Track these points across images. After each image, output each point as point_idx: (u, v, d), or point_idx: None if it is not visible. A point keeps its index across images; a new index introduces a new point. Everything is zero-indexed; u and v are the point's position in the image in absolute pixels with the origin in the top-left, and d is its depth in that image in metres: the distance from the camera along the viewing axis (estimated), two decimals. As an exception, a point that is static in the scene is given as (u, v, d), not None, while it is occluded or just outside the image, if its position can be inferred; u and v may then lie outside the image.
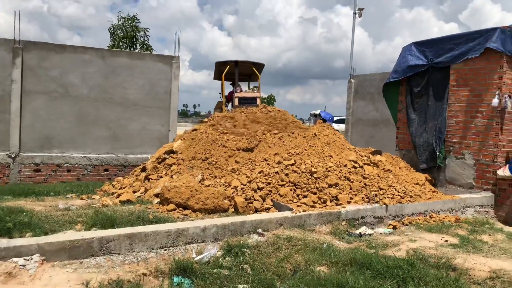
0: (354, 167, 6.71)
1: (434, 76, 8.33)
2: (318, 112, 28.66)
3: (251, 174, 6.37)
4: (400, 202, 6.15)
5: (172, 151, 7.72)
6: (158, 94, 10.97)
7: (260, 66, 13.80)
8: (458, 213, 6.72)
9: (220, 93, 14.12)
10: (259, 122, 8.04)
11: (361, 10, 21.14)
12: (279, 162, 6.56)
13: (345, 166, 6.66)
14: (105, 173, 10.33)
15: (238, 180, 6.26)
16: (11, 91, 9.50)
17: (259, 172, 6.41)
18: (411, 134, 8.77)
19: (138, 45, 18.04)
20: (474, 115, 7.56)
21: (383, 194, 6.21)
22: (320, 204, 5.78)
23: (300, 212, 5.33)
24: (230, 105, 13.97)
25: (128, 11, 41.25)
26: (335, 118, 26.84)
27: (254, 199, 5.83)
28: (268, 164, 6.66)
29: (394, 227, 5.74)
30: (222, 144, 7.54)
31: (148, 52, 17.11)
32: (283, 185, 6.11)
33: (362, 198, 6.06)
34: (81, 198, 6.94)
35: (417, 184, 7.13)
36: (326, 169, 6.40)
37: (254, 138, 7.64)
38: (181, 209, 5.60)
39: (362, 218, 5.72)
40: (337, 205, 5.79)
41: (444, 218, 6.30)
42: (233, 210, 5.70)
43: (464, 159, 7.71)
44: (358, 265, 3.95)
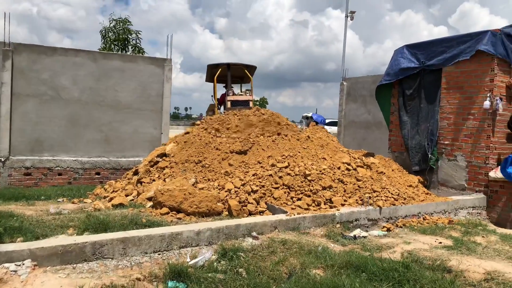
0: (348, 170, 6.72)
1: (426, 78, 8.38)
2: (310, 114, 28.66)
3: (245, 177, 6.35)
4: (393, 204, 6.16)
5: (164, 154, 7.67)
6: (150, 97, 10.89)
7: (252, 69, 13.77)
8: (451, 214, 6.75)
9: (212, 95, 14.05)
10: (253, 124, 8.02)
11: (352, 13, 21.25)
12: (273, 165, 6.55)
13: (338, 168, 6.67)
14: (96, 176, 10.23)
15: (232, 183, 6.23)
16: (1, 94, 9.36)
17: (253, 175, 6.40)
18: (404, 136, 8.80)
19: (130, 47, 17.92)
20: (466, 117, 7.61)
21: (377, 196, 6.21)
22: (314, 206, 5.77)
23: (294, 215, 5.31)
24: (222, 107, 13.91)
25: (119, 14, 41.11)
26: (327, 121, 26.88)
27: (248, 202, 5.80)
28: (261, 166, 6.64)
29: (388, 230, 5.74)
30: (215, 147, 7.50)
31: (140, 54, 17.01)
32: (277, 187, 6.10)
33: (356, 200, 6.06)
34: (72, 202, 6.87)
35: (410, 186, 7.16)
36: (320, 171, 6.39)
37: (248, 141, 7.62)
38: (174, 212, 5.55)
39: (356, 220, 5.71)
40: (331, 207, 5.78)
41: (437, 220, 6.32)
42: (227, 213, 5.67)
43: (456, 161, 7.76)
44: (354, 268, 3.95)
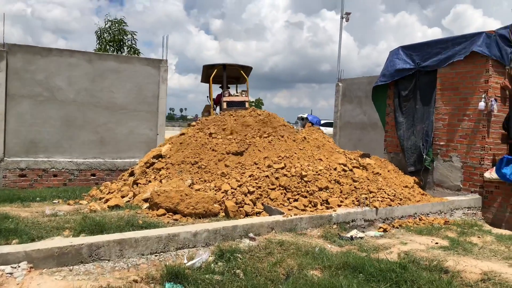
0: (344, 170, 6.73)
1: (421, 79, 8.41)
2: (305, 115, 28.69)
3: (241, 178, 6.34)
4: (390, 205, 6.18)
5: (160, 155, 7.65)
6: (146, 98, 10.87)
7: (248, 69, 13.75)
8: (447, 215, 6.78)
9: (207, 96, 14.02)
10: (249, 125, 8.01)
11: (348, 14, 21.27)
12: (269, 166, 6.54)
13: (335, 169, 6.67)
14: (92, 177, 10.19)
15: (228, 184, 6.22)
16: (-5, 95, 9.32)
17: (249, 176, 6.39)
18: (399, 137, 8.83)
19: (125, 48, 17.87)
20: (461, 118, 7.65)
21: (373, 197, 6.23)
22: (310, 207, 5.78)
23: (291, 216, 5.30)
24: (218, 108, 13.88)
25: (115, 15, 41.00)
26: (322, 122, 26.94)
27: (245, 203, 5.80)
28: (258, 168, 6.64)
29: (385, 230, 5.76)
30: (211, 148, 7.49)
31: (136, 55, 16.96)
32: (274, 188, 6.09)
33: (352, 201, 6.07)
34: (68, 204, 6.82)
35: (406, 187, 7.18)
36: (316, 172, 6.40)
37: (244, 142, 7.61)
38: (171, 214, 5.53)
39: (352, 221, 5.72)
40: (327, 208, 5.79)
41: (433, 221, 6.34)
42: (223, 214, 5.66)
43: (451, 162, 7.80)
44: (351, 268, 3.95)
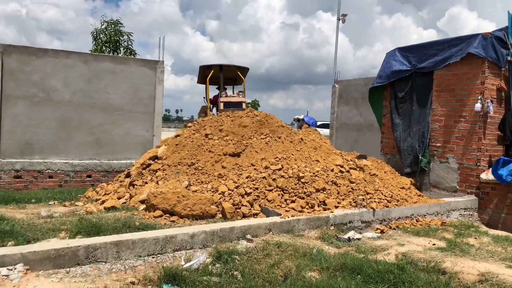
0: (341, 172, 6.73)
1: (417, 81, 8.44)
2: (301, 117, 28.72)
3: (238, 179, 6.33)
4: (387, 206, 6.18)
5: (157, 157, 7.62)
6: (142, 99, 10.83)
7: (244, 70, 13.76)
8: (444, 216, 6.79)
9: (204, 97, 14.01)
10: (246, 126, 7.99)
11: (344, 16, 21.35)
12: (266, 167, 6.54)
13: (332, 170, 6.67)
14: (88, 179, 10.13)
15: (225, 185, 6.21)
16: (-10, 96, 9.26)
17: (246, 177, 6.37)
18: (396, 139, 8.85)
19: (121, 49, 17.84)
20: (458, 120, 7.68)
21: (370, 198, 6.23)
22: (308, 209, 5.77)
23: (288, 217, 5.29)
24: (214, 109, 13.87)
25: (111, 16, 40.93)
26: (318, 123, 26.98)
27: (242, 205, 5.79)
28: (255, 169, 6.63)
29: (382, 231, 5.76)
30: (208, 149, 7.47)
31: (132, 56, 16.92)
32: (271, 190, 6.08)
33: (350, 202, 6.07)
34: (64, 205, 6.78)
35: (403, 188, 7.19)
36: (313, 173, 6.39)
37: (241, 143, 7.59)
38: (168, 215, 5.51)
39: (350, 222, 5.72)
40: (325, 209, 5.79)
41: (430, 222, 6.35)
42: (220, 216, 5.65)
43: (448, 163, 7.82)
44: (349, 270, 3.94)
